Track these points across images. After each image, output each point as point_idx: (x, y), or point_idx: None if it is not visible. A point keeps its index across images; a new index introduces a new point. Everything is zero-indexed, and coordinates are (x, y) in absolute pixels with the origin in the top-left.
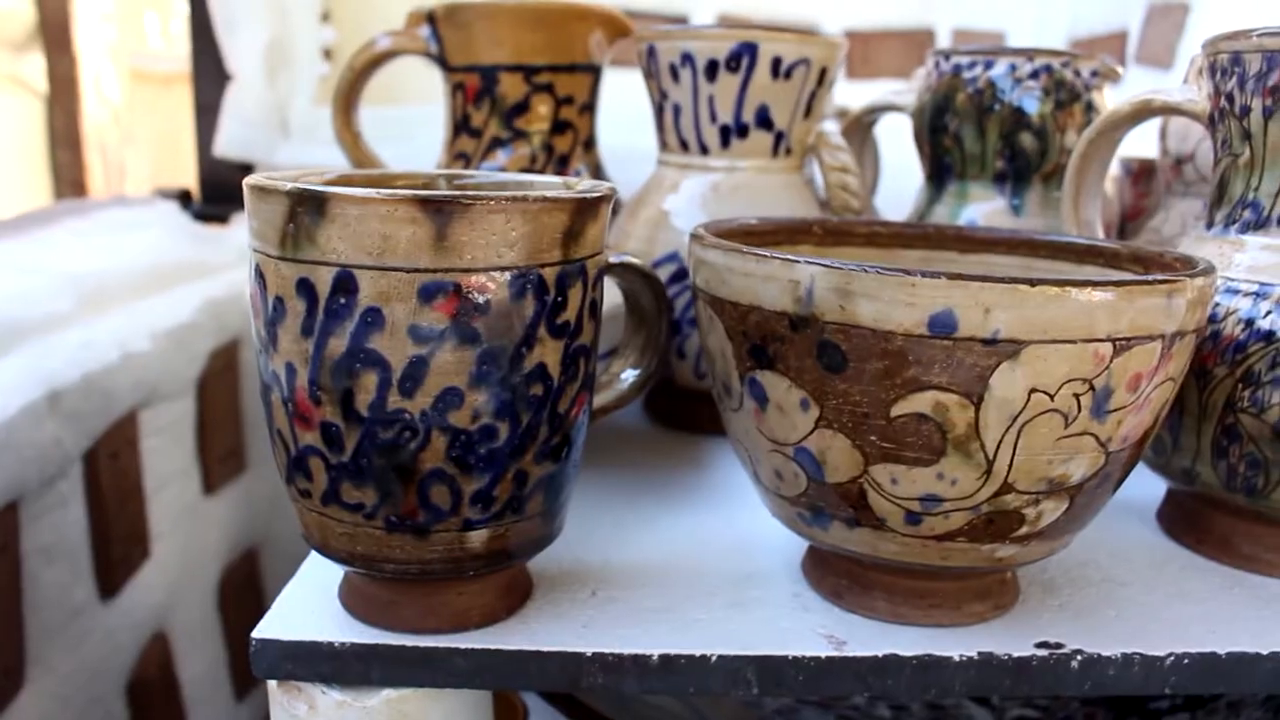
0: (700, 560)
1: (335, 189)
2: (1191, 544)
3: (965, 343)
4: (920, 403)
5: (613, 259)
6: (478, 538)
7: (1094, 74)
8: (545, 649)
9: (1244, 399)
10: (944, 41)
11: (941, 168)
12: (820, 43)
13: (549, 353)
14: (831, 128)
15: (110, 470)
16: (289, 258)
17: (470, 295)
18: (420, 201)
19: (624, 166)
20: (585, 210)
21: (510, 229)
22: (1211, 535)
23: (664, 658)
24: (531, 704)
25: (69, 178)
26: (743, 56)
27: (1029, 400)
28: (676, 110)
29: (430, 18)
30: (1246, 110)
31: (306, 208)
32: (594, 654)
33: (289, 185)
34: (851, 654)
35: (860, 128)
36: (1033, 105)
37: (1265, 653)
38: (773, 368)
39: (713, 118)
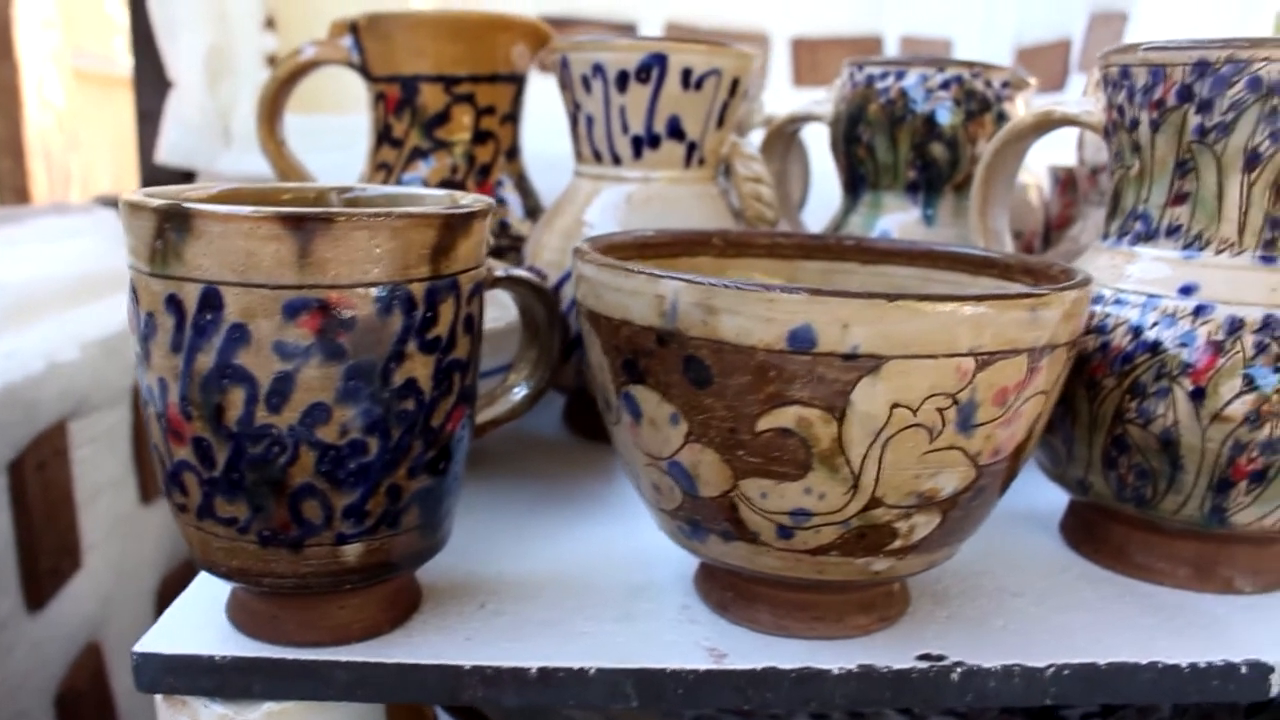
0: (596, 572)
1: (199, 206)
2: (1089, 554)
3: (825, 358)
4: (784, 418)
5: (499, 272)
6: (352, 552)
7: (1005, 85)
8: (425, 662)
9: (1131, 410)
10: (892, 49)
11: (856, 178)
12: (731, 54)
13: (420, 368)
14: (757, 138)
15: (37, 481)
16: (158, 274)
17: (335, 312)
18: (283, 218)
19: (563, 175)
20: (455, 226)
21: (375, 245)
22: (1107, 545)
23: (542, 671)
24: (442, 716)
25: (12, 185)
26: (652, 67)
27: (892, 415)
28: (590, 121)
29: (353, 28)
30: (1136, 123)
31: (173, 224)
32: (473, 667)
33: (156, 202)
34: (731, 667)
35: (783, 137)
36: (943, 116)
37: (1144, 662)
38: (644, 382)
39: (624, 128)
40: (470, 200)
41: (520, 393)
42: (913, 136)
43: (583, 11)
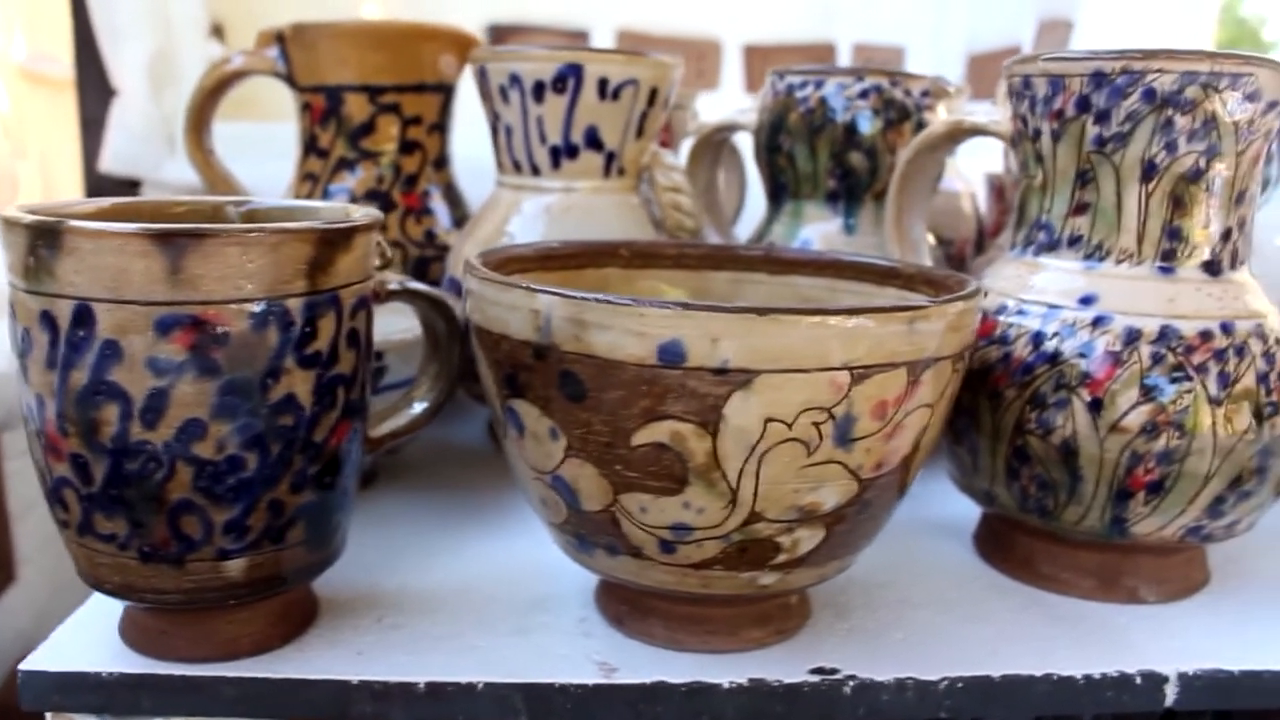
0: (498, 585)
1: (70, 222)
2: (998, 564)
3: (696, 372)
4: (658, 432)
5: (393, 285)
6: (235, 567)
7: (925, 94)
8: (313, 677)
9: (1031, 421)
10: (845, 56)
11: (778, 187)
12: (649, 63)
13: (299, 383)
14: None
15: None
16: (33, 290)
17: (208, 328)
18: (152, 235)
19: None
20: (333, 242)
21: (248, 261)
22: (1015, 555)
23: (431, 685)
24: None
25: None
26: (568, 78)
27: (766, 429)
28: (509, 131)
29: (280, 37)
30: (1038, 133)
31: (45, 241)
32: (361, 682)
33: (29, 218)
34: (621, 681)
35: (711, 145)
36: (862, 124)
37: (1039, 674)
38: (524, 396)
39: (542, 139)
40: (358, 215)
41: (420, 406)
42: (832, 145)
43: (534, 19)
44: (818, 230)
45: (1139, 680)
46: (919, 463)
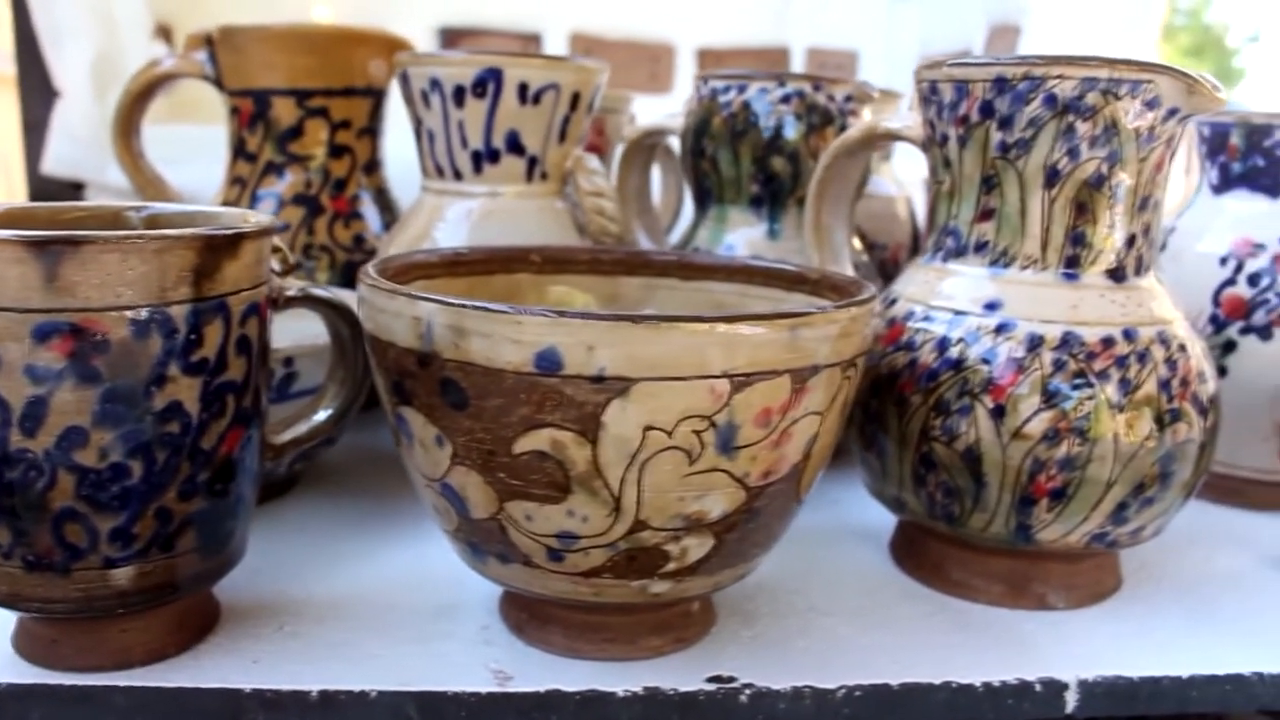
0: (405, 593)
1: None
2: (911, 571)
3: (573, 380)
4: (539, 440)
5: (293, 291)
6: (123, 575)
7: (848, 98)
8: (205, 686)
9: (936, 427)
10: (798, 60)
11: (703, 191)
12: (571, 68)
13: (184, 390)
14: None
15: None
16: None
17: (88, 335)
18: (26, 242)
19: None
20: (218, 248)
21: (127, 269)
22: (926, 562)
23: (324, 694)
24: None
25: None
26: (488, 82)
27: (646, 437)
28: (431, 136)
29: (208, 41)
30: (946, 139)
31: None
32: (253, 690)
33: None
34: (515, 689)
35: (642, 150)
36: (784, 129)
37: (938, 683)
38: (411, 404)
39: (464, 143)
40: (252, 221)
41: (324, 413)
42: (754, 150)
43: (486, 22)
44: (742, 235)
45: (1039, 687)
46: (814, 470)
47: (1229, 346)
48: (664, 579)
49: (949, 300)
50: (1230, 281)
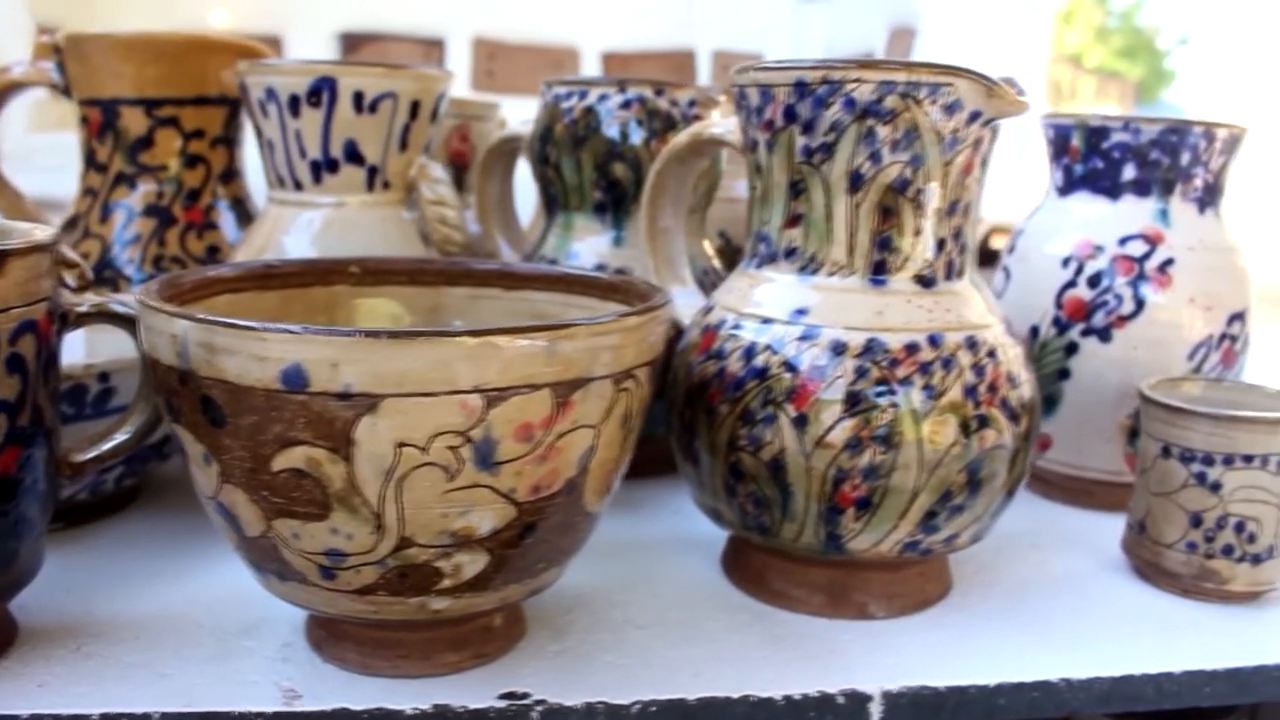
0: (213, 611)
1: None
2: (738, 581)
3: (320, 397)
4: (294, 458)
5: (83, 307)
6: None
7: (692, 103)
8: None
9: (743, 437)
10: (705, 63)
11: (549, 198)
12: (408, 76)
13: None
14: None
15: None
16: None
17: None
18: None
19: None
20: None
21: None
22: (750, 572)
23: (105, 717)
24: None
25: None
26: (322, 91)
27: (400, 454)
28: (271, 146)
29: (57, 49)
30: (755, 144)
31: None
32: (32, 715)
33: None
34: (302, 709)
35: (502, 157)
36: (625, 135)
37: (736, 696)
38: (180, 421)
39: (302, 153)
40: (35, 237)
41: (130, 429)
42: (596, 157)
43: (388, 28)
44: (589, 243)
45: (841, 699)
46: (599, 483)
47: (1071, 348)
48: (442, 595)
49: (758, 307)
50: (1071, 283)
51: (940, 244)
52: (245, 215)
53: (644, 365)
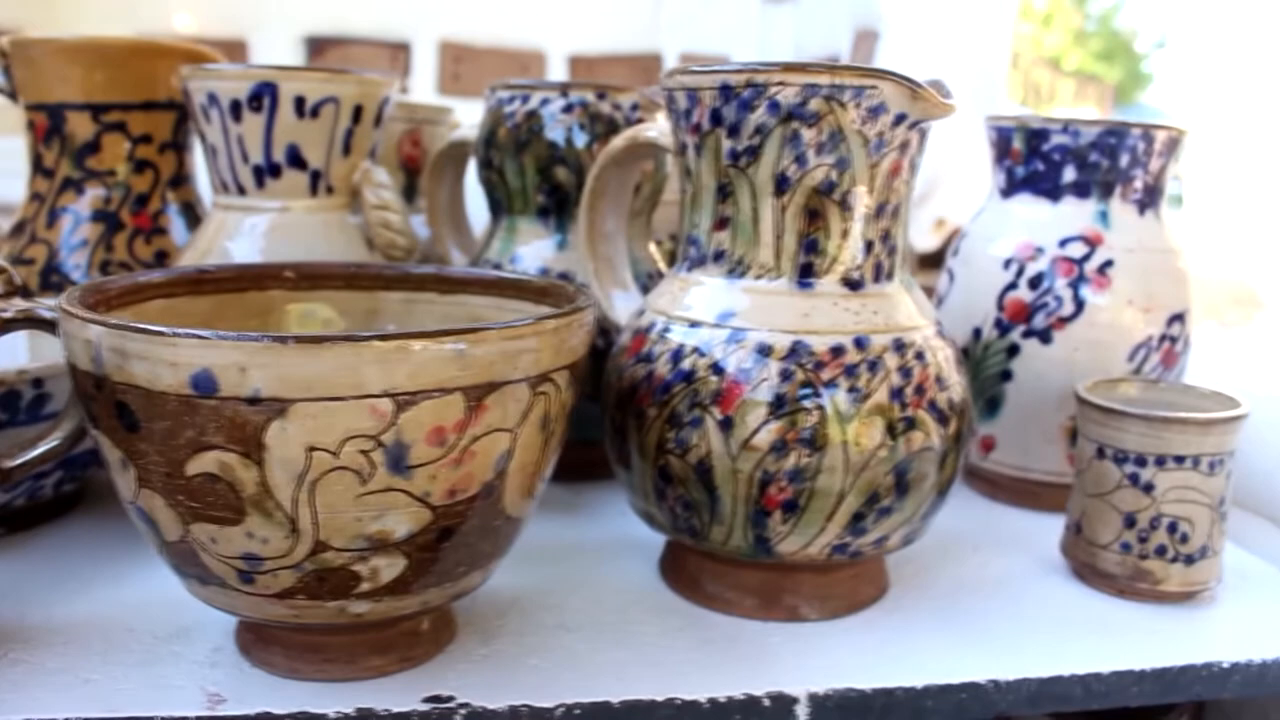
0: (145, 615)
1: None
2: (673, 584)
3: (230, 402)
4: (207, 462)
5: (8, 313)
6: None
7: (634, 107)
8: None
9: (670, 440)
10: (671, 65)
11: (494, 202)
12: (350, 80)
13: None
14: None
15: None
16: None
17: None
18: None
19: None
20: None
21: None
22: (684, 575)
23: None
24: None
25: None
26: (263, 96)
27: (311, 458)
28: (214, 151)
29: (1, 53)
30: (685, 147)
31: None
32: None
33: None
34: (225, 713)
35: (450, 161)
36: (567, 139)
37: (661, 699)
38: (98, 427)
39: (245, 158)
40: None
41: (58, 437)
42: (538, 161)
43: (354, 31)
44: (533, 248)
45: (767, 702)
46: (520, 486)
47: (1013, 350)
48: (362, 599)
49: (688, 311)
50: (1013, 285)
51: (868, 246)
52: (195, 220)
53: (562, 369)
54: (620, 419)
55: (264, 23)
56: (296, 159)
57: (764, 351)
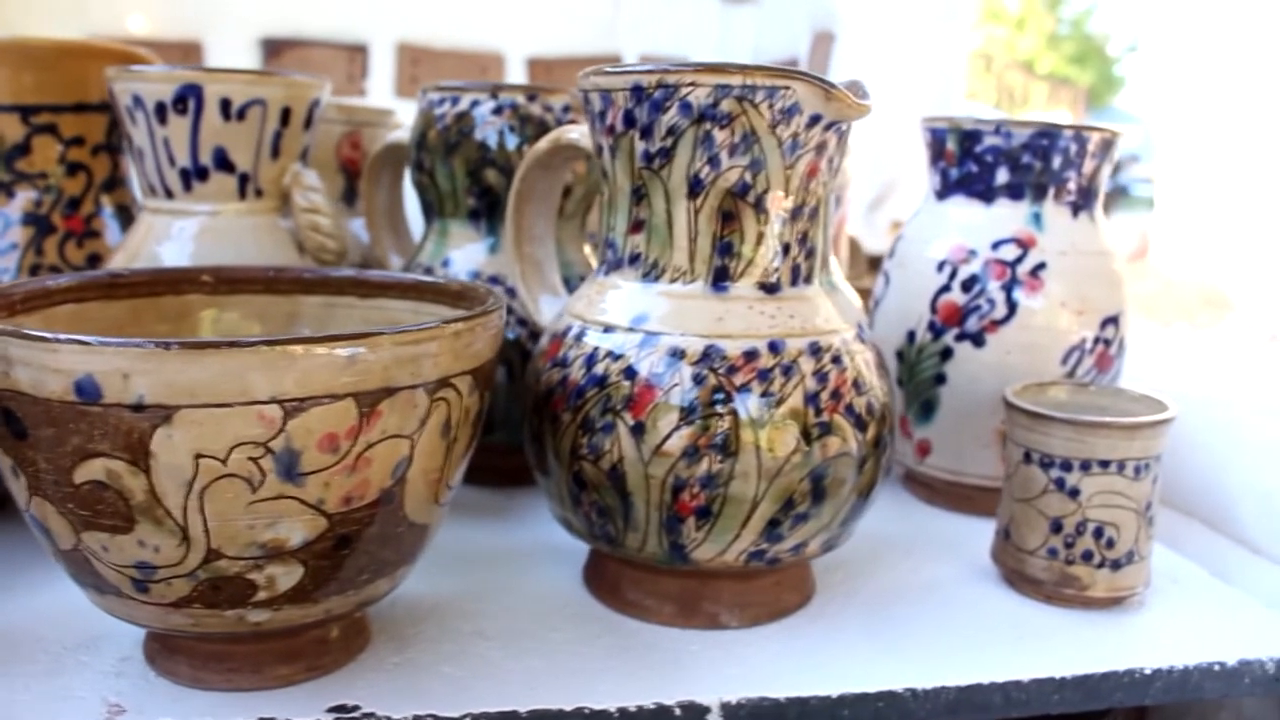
0: (58, 624)
1: None
2: (596, 591)
3: (115, 409)
4: (94, 470)
5: None
6: None
7: (566, 109)
8: None
9: (584, 446)
10: None
11: (426, 205)
12: (278, 82)
13: None
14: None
15: None
16: None
17: None
18: None
19: None
20: None
21: None
22: (605, 582)
23: None
24: None
25: None
26: (188, 98)
27: (199, 466)
28: (140, 154)
29: None
30: (600, 149)
31: None
32: None
33: None
34: None
35: (387, 163)
36: (496, 141)
37: (570, 709)
38: None
39: (171, 161)
40: None
41: None
42: (468, 163)
43: (310, 33)
44: (465, 251)
45: (678, 711)
46: (422, 493)
47: (947, 354)
48: (260, 608)
49: (603, 315)
50: (946, 288)
51: (785, 249)
52: (131, 223)
53: (464, 374)
54: (538, 424)
55: (219, 25)
56: (224, 162)
57: (677, 355)
